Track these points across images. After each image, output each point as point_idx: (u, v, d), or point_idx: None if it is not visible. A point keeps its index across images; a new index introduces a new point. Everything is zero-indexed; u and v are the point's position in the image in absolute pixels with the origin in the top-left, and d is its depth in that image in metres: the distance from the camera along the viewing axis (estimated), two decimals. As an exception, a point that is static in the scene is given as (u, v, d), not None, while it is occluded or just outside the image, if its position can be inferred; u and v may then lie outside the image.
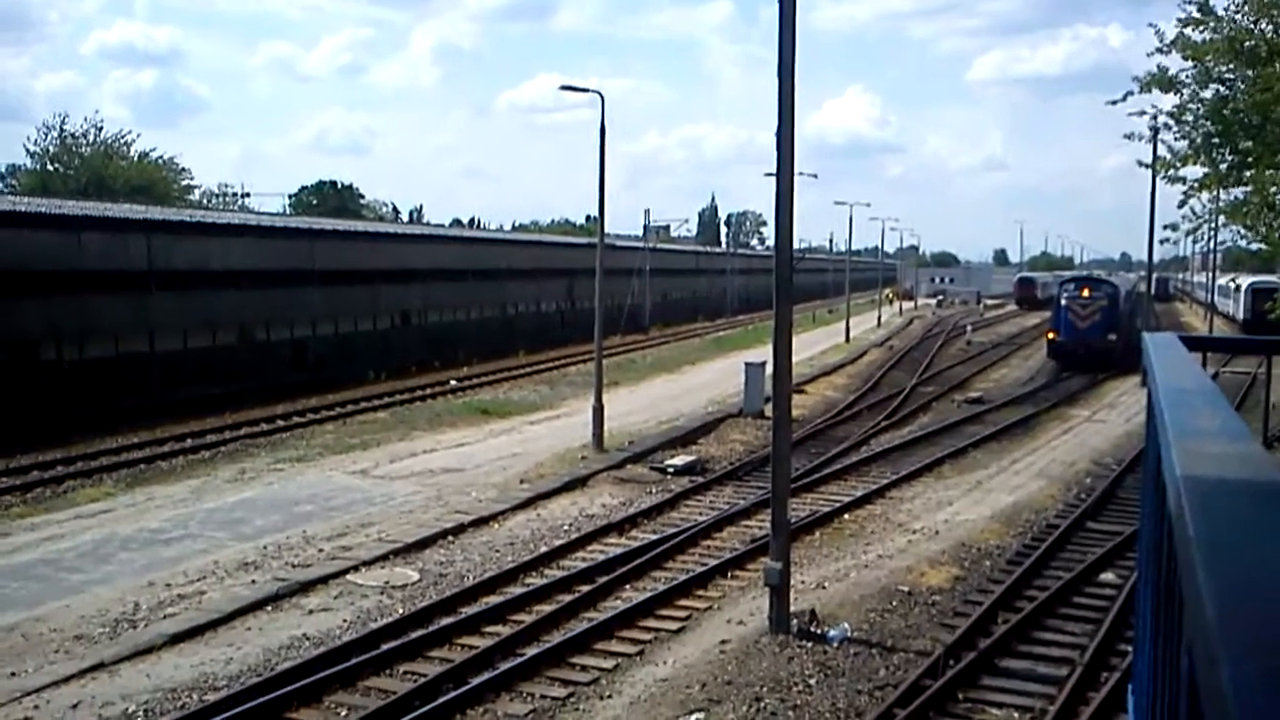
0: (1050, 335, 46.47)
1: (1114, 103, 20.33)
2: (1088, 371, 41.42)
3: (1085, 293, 45.87)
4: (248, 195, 78.96)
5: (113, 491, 21.39)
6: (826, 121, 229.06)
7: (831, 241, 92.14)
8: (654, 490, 21.85)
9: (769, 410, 20.70)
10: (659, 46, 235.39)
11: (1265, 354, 4.68)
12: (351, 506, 19.98)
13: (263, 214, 57.72)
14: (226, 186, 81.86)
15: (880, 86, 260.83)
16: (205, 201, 74.20)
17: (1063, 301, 46.14)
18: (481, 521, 19.08)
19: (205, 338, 34.02)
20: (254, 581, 15.40)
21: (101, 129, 67.12)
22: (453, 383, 38.21)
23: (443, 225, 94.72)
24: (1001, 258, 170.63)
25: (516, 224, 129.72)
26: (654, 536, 18.09)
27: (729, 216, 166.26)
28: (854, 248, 75.11)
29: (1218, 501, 1.37)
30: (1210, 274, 72.54)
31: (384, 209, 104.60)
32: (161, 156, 70.05)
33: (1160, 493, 2.28)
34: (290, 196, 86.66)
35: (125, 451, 25.25)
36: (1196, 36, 18.78)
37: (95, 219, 32.33)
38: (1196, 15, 18.61)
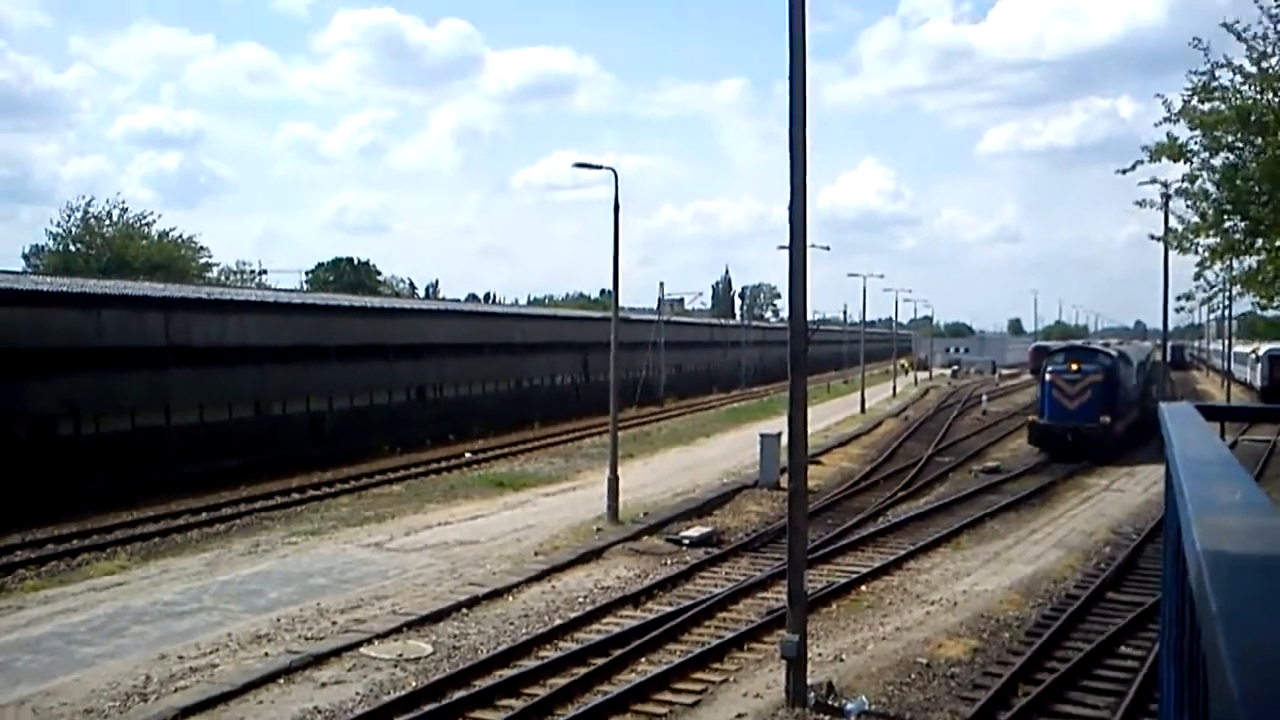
0: (1032, 418, 40.11)
1: (1124, 171, 20.47)
2: (1077, 460, 35.29)
3: (1074, 366, 39.28)
4: (264, 272, 79.62)
5: (127, 565, 21.37)
6: (840, 195, 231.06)
7: (845, 313, 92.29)
8: (669, 562, 21.70)
9: (785, 482, 20.65)
10: (674, 123, 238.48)
11: None
12: (365, 579, 19.89)
13: (279, 290, 58.21)
14: (244, 264, 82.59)
15: (894, 160, 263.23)
16: (223, 279, 74.86)
17: (1047, 377, 39.65)
18: (495, 594, 18.94)
19: (221, 412, 34.17)
20: (267, 654, 15.29)
21: (125, 210, 68.08)
22: (467, 455, 38.20)
23: (458, 300, 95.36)
24: (1016, 327, 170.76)
25: (532, 299, 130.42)
26: (669, 609, 17.93)
27: (744, 289, 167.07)
28: (868, 319, 75.19)
29: (1240, 576, 1.37)
30: (1226, 342, 72.31)
31: (400, 285, 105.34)
32: (181, 235, 70.91)
33: (1181, 565, 2.28)
34: (307, 273, 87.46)
35: (140, 525, 25.28)
36: (1205, 107, 18.92)
37: (114, 296, 32.63)
38: (1204, 83, 18.77)
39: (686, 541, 23.31)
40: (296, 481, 31.37)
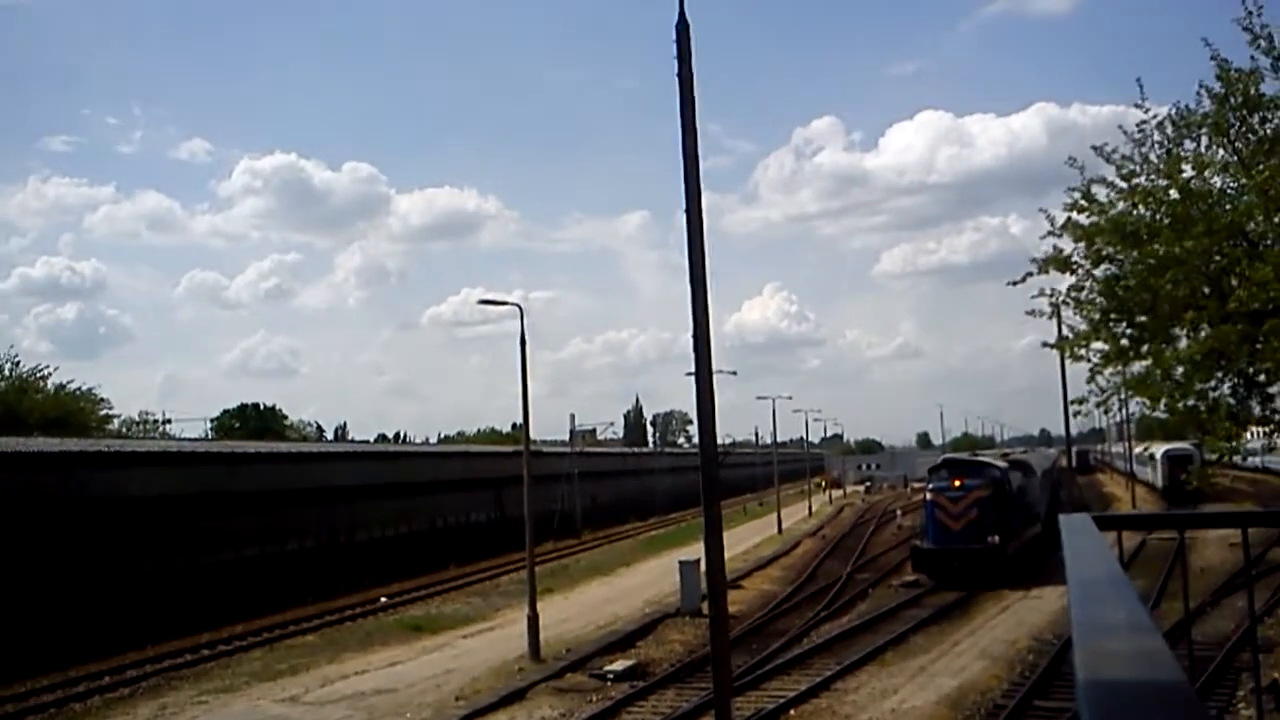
0: (915, 542, 36.36)
1: (1014, 284, 21.14)
2: (967, 588, 31.35)
3: (956, 482, 34.62)
4: (169, 421, 77.80)
5: (24, 739, 20.26)
6: (746, 319, 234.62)
7: (757, 435, 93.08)
8: (594, 699, 21.27)
9: (707, 608, 20.49)
10: (579, 257, 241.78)
11: (1178, 529, 4.77)
12: (280, 737, 19.13)
13: (183, 440, 57.00)
14: (147, 414, 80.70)
15: (796, 284, 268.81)
16: (124, 430, 72.99)
17: (928, 495, 35.69)
18: (417, 744, 18.34)
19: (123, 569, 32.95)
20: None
21: (18, 363, 66.35)
22: (383, 600, 37.30)
23: (367, 442, 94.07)
24: (925, 441, 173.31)
25: (442, 436, 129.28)
26: (597, 747, 17.52)
27: (655, 416, 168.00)
28: (780, 440, 75.85)
29: (1117, 704, 1.40)
30: (1127, 445, 74.25)
31: (308, 429, 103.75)
32: (80, 387, 69.20)
33: None
34: (212, 421, 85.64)
35: (33, 696, 23.97)
36: (1084, 220, 19.75)
37: (6, 455, 31.57)
38: (1082, 203, 19.63)
39: (611, 676, 22.90)
40: (206, 636, 30.21)
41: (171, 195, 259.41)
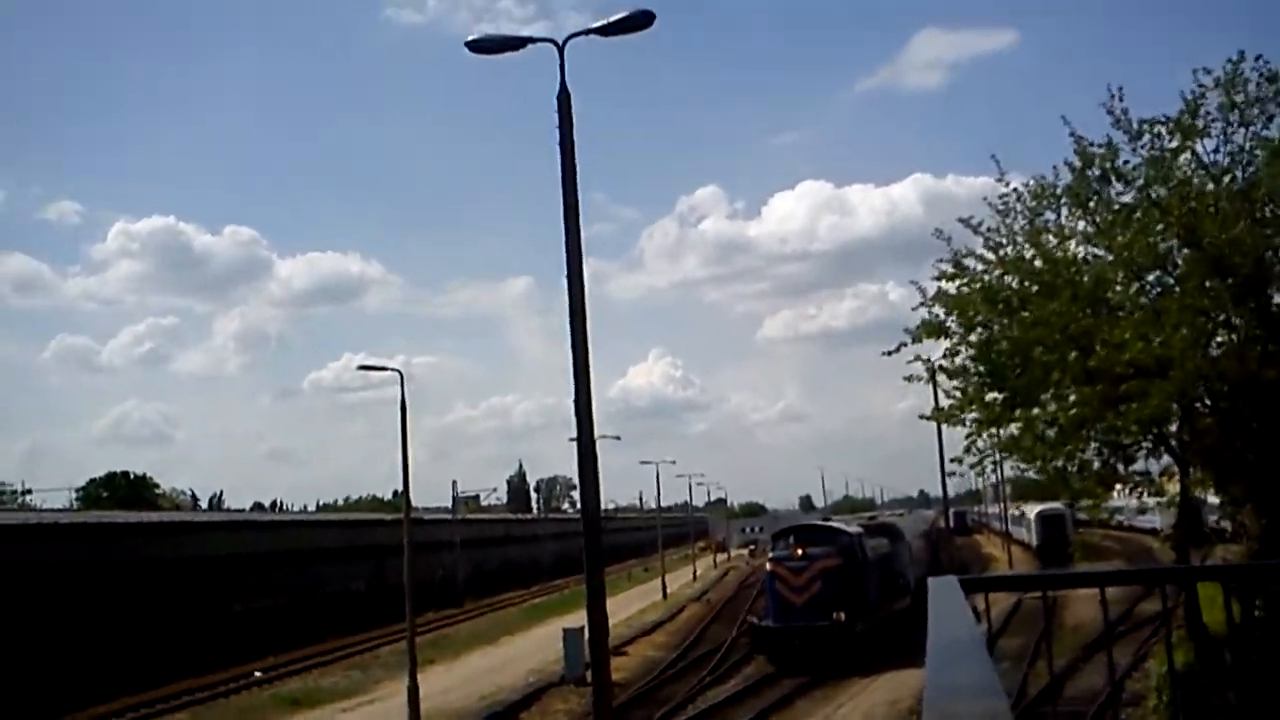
0: (752, 619, 33.23)
1: (889, 354, 21.60)
2: (813, 675, 27.72)
3: (799, 551, 31.00)
4: (29, 492, 74.65)
5: None
6: (632, 384, 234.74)
7: (641, 499, 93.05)
8: (476, 772, 20.83)
9: (591, 676, 20.28)
10: (463, 322, 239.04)
11: (1042, 589, 4.92)
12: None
13: (43, 510, 54.69)
14: (4, 485, 77.44)
15: (681, 349, 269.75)
16: (-21, 502, 69.84)
17: (768, 566, 31.98)
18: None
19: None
20: None
21: None
22: (257, 674, 36.06)
23: (243, 510, 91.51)
24: (807, 503, 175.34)
25: (321, 504, 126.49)
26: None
27: (539, 482, 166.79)
28: (664, 504, 75.92)
29: None
30: (1002, 505, 76.06)
31: (182, 498, 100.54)
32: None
33: None
34: (78, 490, 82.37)
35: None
36: (952, 289, 20.32)
37: None
38: (952, 271, 20.23)
39: (494, 748, 22.47)
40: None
41: (39, 257, 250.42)
